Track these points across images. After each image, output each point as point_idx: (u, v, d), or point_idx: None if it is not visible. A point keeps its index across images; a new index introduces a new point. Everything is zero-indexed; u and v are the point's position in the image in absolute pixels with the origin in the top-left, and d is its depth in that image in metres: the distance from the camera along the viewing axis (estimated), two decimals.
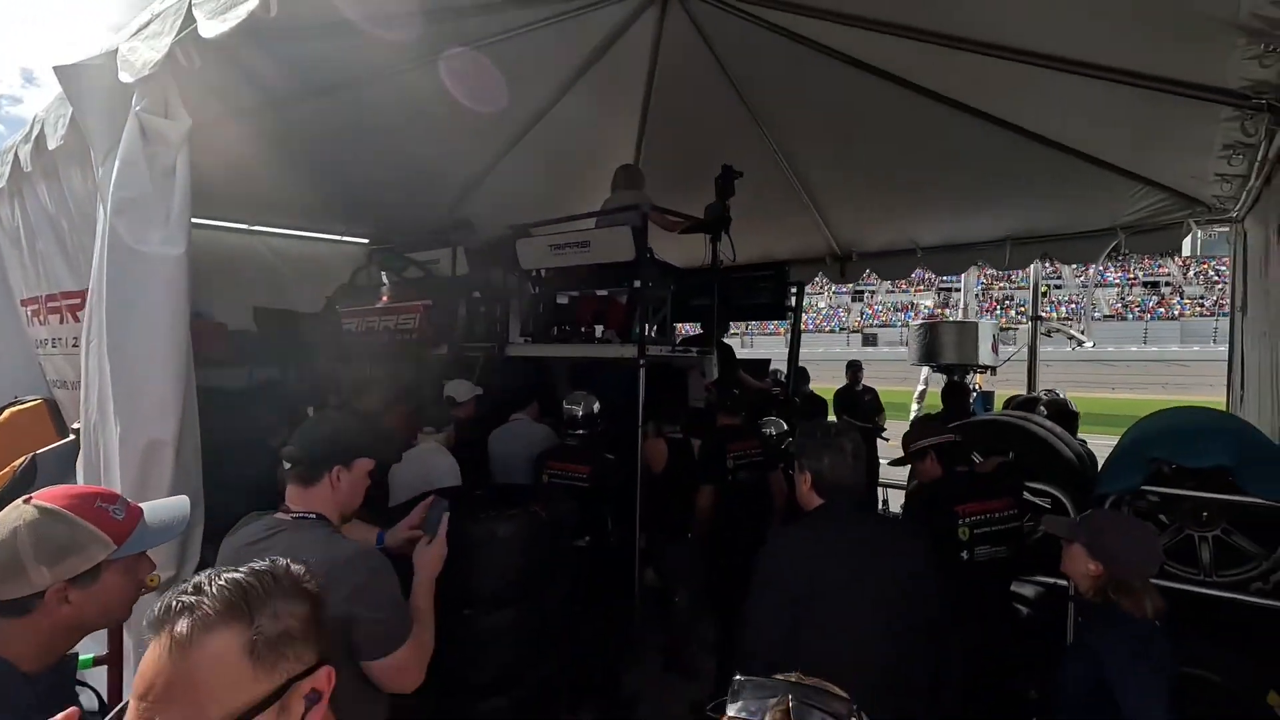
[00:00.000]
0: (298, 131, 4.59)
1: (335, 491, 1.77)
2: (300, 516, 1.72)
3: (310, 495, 1.75)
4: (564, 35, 4.47)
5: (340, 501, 1.79)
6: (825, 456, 2.05)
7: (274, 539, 1.65)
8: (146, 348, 1.86)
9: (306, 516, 1.72)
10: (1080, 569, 1.90)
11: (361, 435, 1.88)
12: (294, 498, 1.75)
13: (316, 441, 1.79)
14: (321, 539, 1.65)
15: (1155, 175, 4.56)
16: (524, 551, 2.66)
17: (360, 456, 1.83)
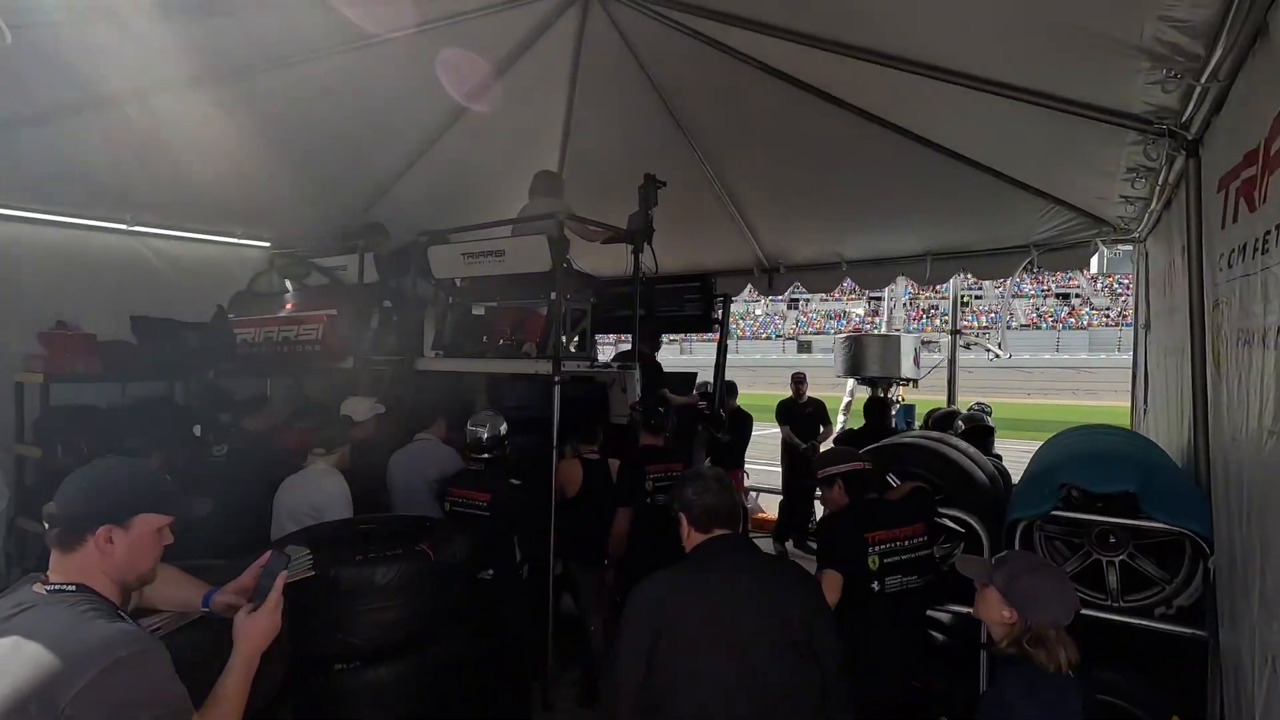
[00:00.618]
0: (186, 122, 4.20)
1: (106, 558, 1.41)
2: (56, 589, 1.37)
3: (71, 563, 1.40)
4: (481, 32, 4.24)
5: (116, 569, 1.43)
6: (688, 488, 1.99)
7: (14, 620, 1.31)
8: None
9: (63, 589, 1.38)
10: (994, 615, 1.81)
11: (143, 485, 1.50)
12: (54, 566, 1.41)
13: (78, 495, 1.42)
14: (67, 623, 1.30)
15: (1065, 195, 4.67)
16: (407, 601, 2.39)
17: (141, 512, 1.45)
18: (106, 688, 1.23)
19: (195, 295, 5.25)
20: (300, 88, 4.19)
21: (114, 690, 1.24)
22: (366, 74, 4.22)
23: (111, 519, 1.41)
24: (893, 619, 2.52)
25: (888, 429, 5.45)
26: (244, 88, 4.08)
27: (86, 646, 1.26)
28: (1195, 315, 2.66)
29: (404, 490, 3.81)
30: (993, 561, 1.91)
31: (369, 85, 4.35)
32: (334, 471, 3.29)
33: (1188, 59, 2.20)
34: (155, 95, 3.90)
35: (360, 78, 4.22)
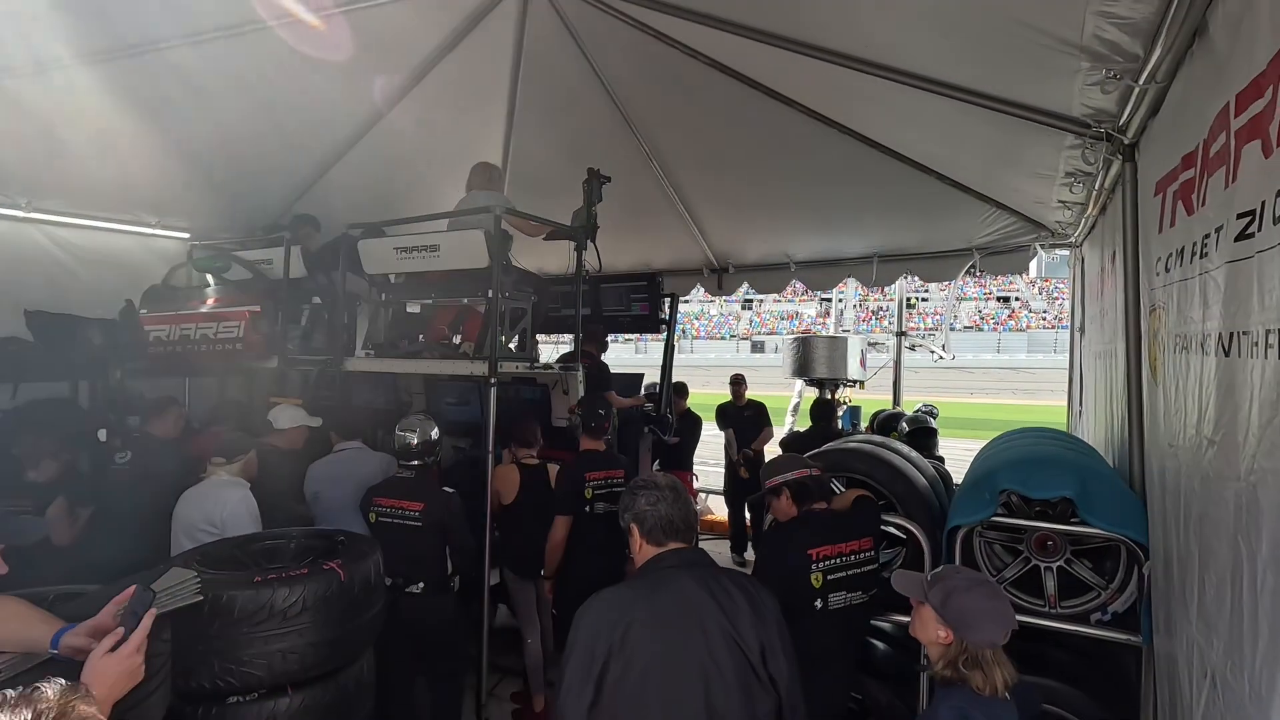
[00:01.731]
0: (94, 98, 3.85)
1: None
2: None
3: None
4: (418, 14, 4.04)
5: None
6: (641, 498, 1.86)
7: None
8: None
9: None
10: (930, 635, 1.73)
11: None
12: None
13: None
14: None
15: (1006, 199, 4.72)
16: (317, 623, 2.19)
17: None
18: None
19: (103, 290, 4.87)
20: (220, 64, 3.90)
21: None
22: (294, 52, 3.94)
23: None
24: (835, 637, 2.43)
25: (834, 431, 5.43)
26: (157, 62, 3.76)
27: None
28: (1130, 319, 2.66)
29: (325, 504, 3.56)
30: (928, 578, 1.83)
31: (298, 65, 4.08)
32: (238, 483, 3.02)
33: (1126, 59, 2.17)
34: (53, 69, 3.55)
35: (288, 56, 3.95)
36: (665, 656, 1.61)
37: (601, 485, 3.55)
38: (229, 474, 3.02)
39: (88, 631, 1.51)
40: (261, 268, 4.86)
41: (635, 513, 1.85)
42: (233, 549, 2.54)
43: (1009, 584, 2.74)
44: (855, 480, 3.05)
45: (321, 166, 5.38)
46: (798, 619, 2.22)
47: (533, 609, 3.84)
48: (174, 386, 5.20)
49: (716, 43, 3.93)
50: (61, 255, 4.76)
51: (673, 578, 1.74)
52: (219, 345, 4.64)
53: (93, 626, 1.52)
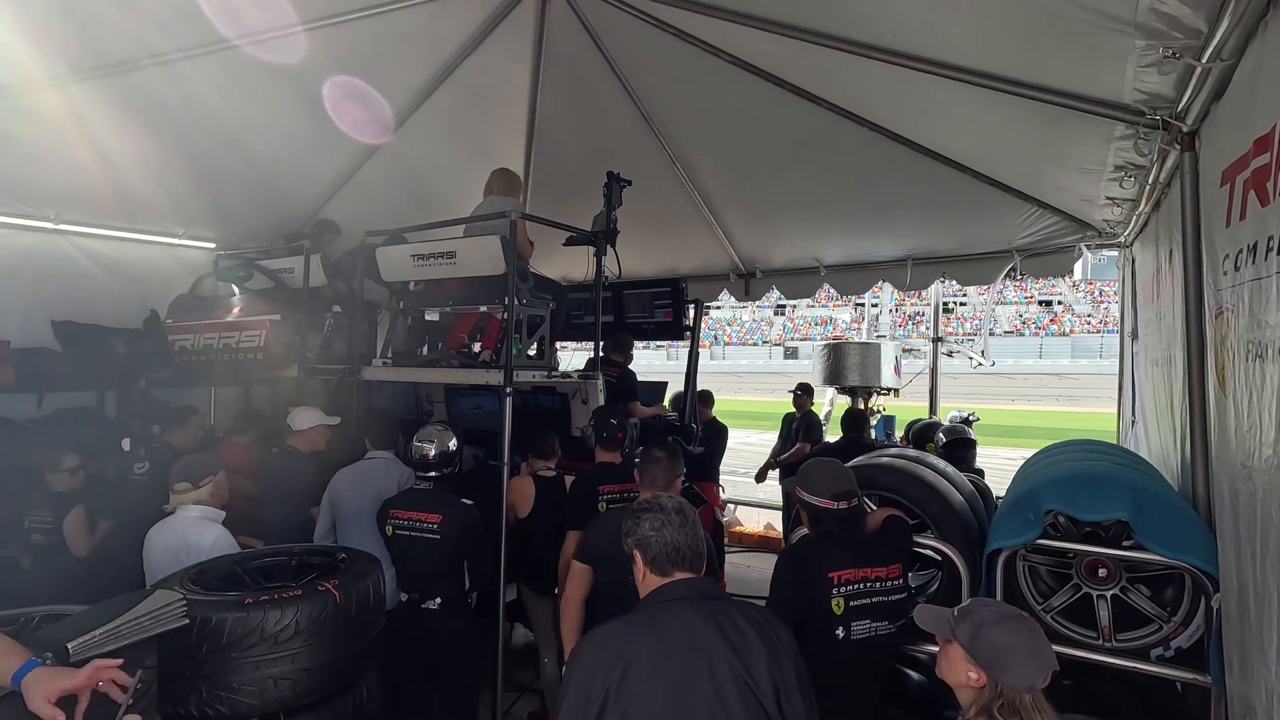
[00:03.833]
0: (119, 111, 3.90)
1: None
2: None
3: None
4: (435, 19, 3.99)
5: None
6: (645, 521, 1.71)
7: None
8: None
9: None
10: (959, 677, 1.54)
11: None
12: None
13: None
14: None
15: (1048, 198, 4.47)
16: (312, 647, 2.09)
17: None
18: None
19: (130, 300, 4.93)
20: (244, 75, 3.90)
21: None
22: (314, 62, 3.93)
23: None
24: (857, 669, 2.24)
25: (866, 442, 5.20)
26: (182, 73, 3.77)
27: None
28: (1192, 324, 2.43)
29: (347, 518, 3.48)
30: (955, 613, 1.64)
31: (317, 74, 4.06)
32: (211, 519, 2.73)
33: (1187, 35, 1.96)
34: (81, 82, 3.58)
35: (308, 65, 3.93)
36: (667, 701, 1.46)
37: (616, 499, 3.40)
38: (197, 504, 2.74)
39: (57, 692, 1.39)
40: (283, 277, 4.85)
41: (638, 538, 1.70)
42: (234, 564, 2.47)
43: (1057, 613, 2.51)
44: (885, 499, 2.85)
45: (344, 175, 5.38)
46: (816, 647, 2.05)
47: (550, 627, 3.70)
48: (198, 396, 5.24)
49: (740, 39, 3.81)
50: (90, 266, 4.82)
51: (678, 611, 1.59)
52: (241, 354, 4.65)
53: (69, 686, 1.41)
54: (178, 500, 2.72)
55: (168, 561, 2.66)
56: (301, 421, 3.90)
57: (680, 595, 1.62)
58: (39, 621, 1.83)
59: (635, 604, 1.70)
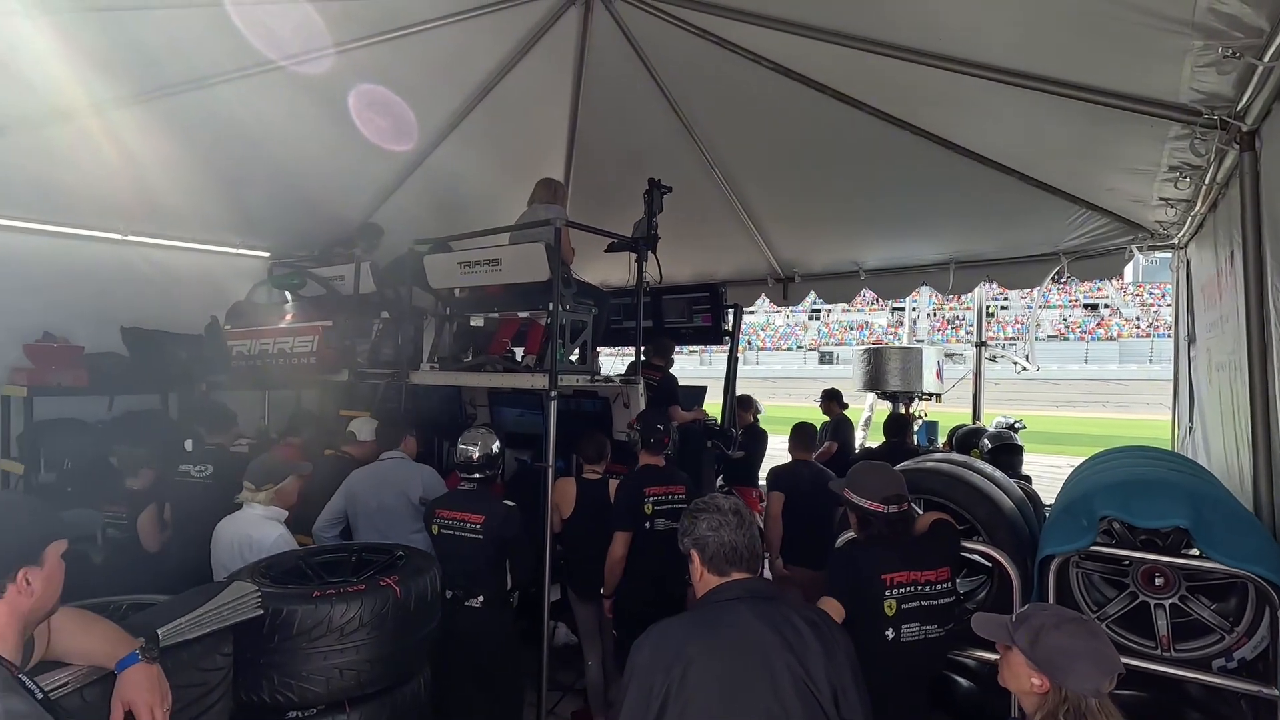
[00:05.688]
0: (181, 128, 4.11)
1: (22, 602, 1.29)
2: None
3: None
4: (479, 34, 4.10)
5: (33, 611, 1.32)
6: (702, 522, 1.74)
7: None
8: None
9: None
10: (1022, 684, 1.53)
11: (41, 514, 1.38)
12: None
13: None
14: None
15: (1097, 199, 4.38)
16: (374, 640, 2.17)
17: (50, 543, 1.34)
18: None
19: (190, 306, 5.15)
20: (297, 92, 4.07)
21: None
22: (364, 78, 4.08)
23: (28, 560, 1.31)
24: (907, 671, 2.23)
25: (908, 448, 5.15)
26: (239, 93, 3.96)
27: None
28: (1254, 327, 2.37)
29: (367, 515, 3.57)
30: (1013, 619, 1.63)
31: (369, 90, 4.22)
32: (274, 519, 2.87)
33: (1248, 34, 1.93)
34: (148, 102, 3.78)
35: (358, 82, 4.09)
36: (728, 699, 1.49)
37: (661, 501, 3.44)
38: (261, 505, 2.89)
39: (131, 704, 1.51)
40: (334, 284, 5.02)
41: (696, 537, 1.73)
42: (298, 560, 2.58)
43: (1112, 621, 2.47)
44: (932, 502, 2.83)
45: (391, 184, 5.54)
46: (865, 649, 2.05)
47: (594, 629, 3.76)
48: (254, 398, 5.45)
49: (780, 45, 3.83)
50: (154, 274, 5.06)
51: (736, 611, 1.62)
52: (295, 359, 4.82)
53: (139, 704, 1.52)
54: (244, 498, 2.86)
55: (231, 554, 2.80)
56: (364, 433, 4.04)
57: (737, 595, 1.65)
58: (126, 609, 1.94)
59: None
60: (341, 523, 3.63)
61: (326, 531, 3.60)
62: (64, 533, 1.38)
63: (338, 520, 3.62)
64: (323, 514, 3.59)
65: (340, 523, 3.62)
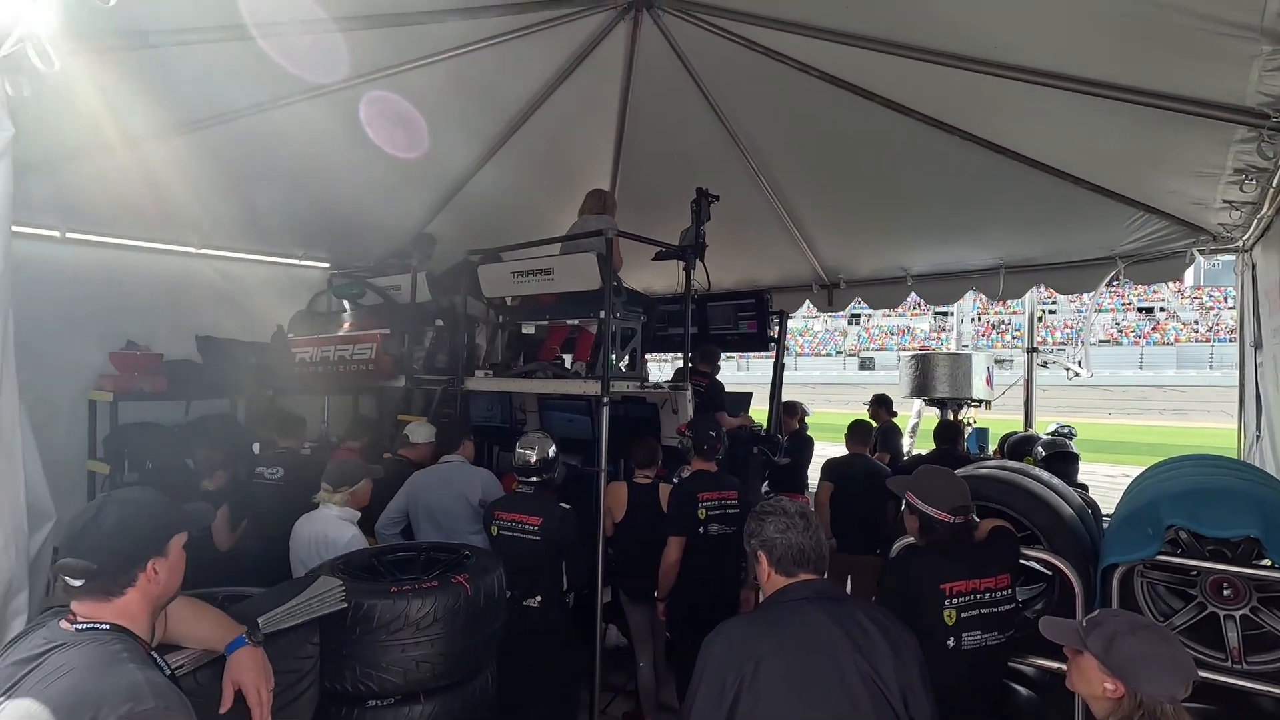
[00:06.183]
0: (249, 147, 4.32)
1: (150, 589, 1.43)
2: (88, 628, 1.35)
3: (107, 605, 1.38)
4: (529, 51, 4.22)
5: (157, 598, 1.46)
6: (769, 524, 1.79)
7: (48, 657, 1.29)
8: None
9: (96, 628, 1.35)
10: (1094, 688, 1.55)
11: (166, 507, 1.51)
12: (86, 611, 1.37)
13: (112, 542, 1.38)
14: (98, 664, 1.28)
15: (1156, 202, 4.29)
16: (447, 634, 2.28)
17: (174, 534, 1.48)
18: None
19: (256, 315, 5.40)
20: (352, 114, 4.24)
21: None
22: (419, 95, 4.25)
23: (156, 551, 1.44)
24: (968, 679, 2.24)
25: (960, 455, 5.09)
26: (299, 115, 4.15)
27: (114, 691, 1.23)
28: None
29: (430, 515, 3.70)
30: (1084, 623, 1.64)
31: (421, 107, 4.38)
32: (348, 519, 3.02)
33: None
34: (215, 127, 4.00)
35: (413, 99, 4.25)
36: (798, 696, 1.54)
37: (715, 506, 3.50)
38: (336, 506, 3.03)
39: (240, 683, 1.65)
40: (391, 293, 5.21)
41: (763, 539, 1.78)
42: (370, 558, 2.72)
43: (1180, 632, 2.43)
44: (990, 509, 2.82)
45: (444, 197, 5.72)
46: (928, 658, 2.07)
47: (647, 632, 3.82)
48: (315, 403, 5.68)
49: (827, 54, 3.85)
50: (224, 285, 5.33)
51: (804, 611, 1.67)
52: (354, 366, 5.02)
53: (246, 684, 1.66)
54: (321, 498, 3.01)
55: (309, 552, 2.95)
56: (418, 436, 4.19)
57: (805, 595, 1.70)
58: (223, 600, 2.08)
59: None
60: (402, 522, 3.77)
61: (388, 530, 3.74)
62: (185, 525, 1.51)
63: (399, 520, 3.75)
64: (384, 514, 3.73)
65: (401, 522, 3.76)
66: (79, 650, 1.30)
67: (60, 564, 1.35)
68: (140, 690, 1.25)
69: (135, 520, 1.43)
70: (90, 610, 1.36)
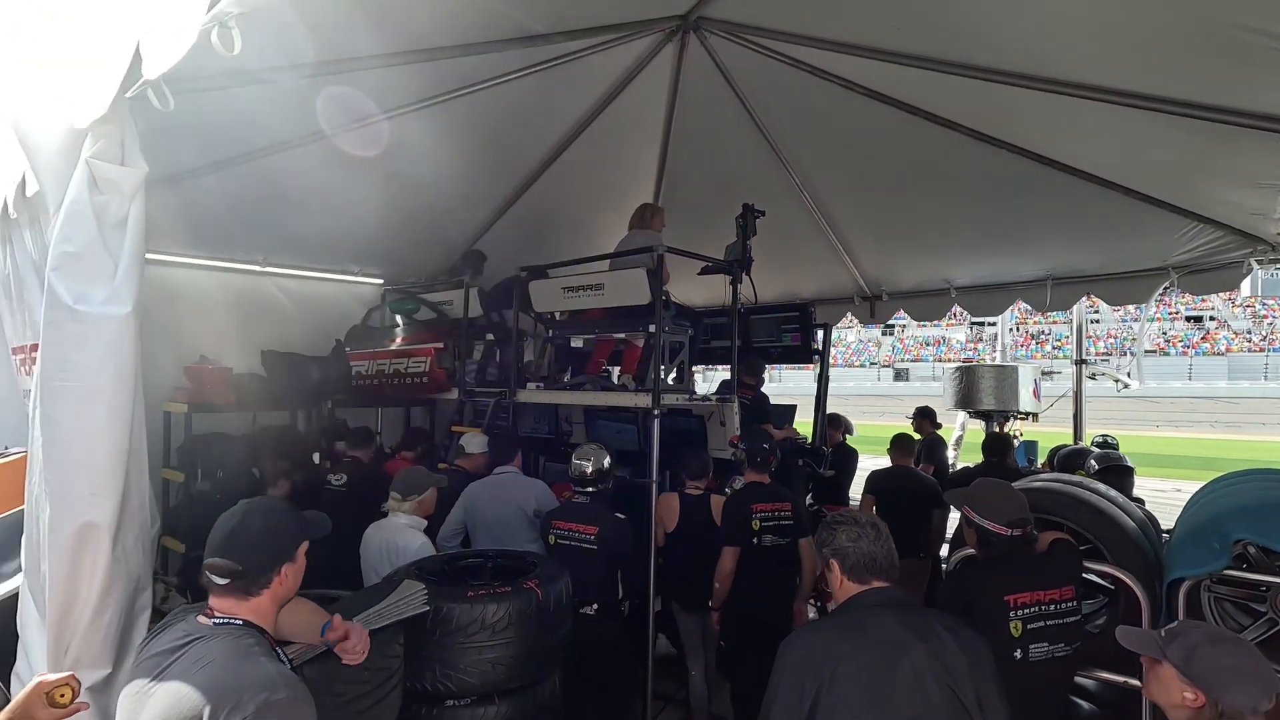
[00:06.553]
0: (310, 171, 4.52)
1: (279, 591, 1.57)
2: (224, 622, 1.49)
3: (243, 603, 1.52)
4: (580, 72, 4.36)
5: (284, 595, 1.60)
6: (841, 533, 1.85)
7: (187, 649, 1.43)
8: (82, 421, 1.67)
9: (230, 622, 1.49)
10: (1173, 698, 1.57)
11: (296, 516, 1.68)
12: (224, 607, 1.51)
13: (256, 545, 1.53)
14: (234, 657, 1.41)
15: (1210, 212, 4.25)
16: (520, 638, 2.38)
17: (302, 541, 1.63)
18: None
19: (315, 330, 5.62)
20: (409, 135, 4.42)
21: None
22: (471, 117, 4.40)
23: (289, 557, 1.59)
24: (1036, 691, 2.25)
25: (1010, 468, 5.05)
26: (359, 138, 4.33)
27: (252, 681, 1.35)
28: None
29: (486, 523, 3.80)
30: (1163, 633, 1.66)
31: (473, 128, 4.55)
32: (416, 527, 3.14)
33: None
34: (280, 153, 4.19)
35: (464, 121, 4.42)
36: (875, 700, 1.59)
37: (769, 518, 3.55)
38: (405, 514, 3.14)
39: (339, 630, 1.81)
40: (444, 308, 5.39)
41: (835, 548, 1.84)
42: (442, 564, 2.83)
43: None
44: (1048, 522, 2.82)
45: (494, 215, 5.89)
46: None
47: (698, 641, 3.87)
48: (367, 415, 5.88)
49: (873, 72, 3.90)
50: (286, 301, 5.57)
51: (880, 617, 1.72)
52: (409, 378, 5.20)
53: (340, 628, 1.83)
54: (391, 507, 3.14)
55: (380, 558, 3.08)
56: (473, 447, 4.31)
57: (880, 602, 1.76)
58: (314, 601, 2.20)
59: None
60: (461, 533, 3.88)
61: (448, 541, 3.86)
62: (310, 533, 1.66)
63: (458, 531, 3.87)
64: (445, 525, 3.85)
65: (460, 533, 3.87)
66: (217, 643, 1.43)
67: (210, 563, 1.49)
68: (275, 681, 1.37)
69: (275, 528, 1.58)
70: (228, 606, 1.49)
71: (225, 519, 1.55)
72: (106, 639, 1.76)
